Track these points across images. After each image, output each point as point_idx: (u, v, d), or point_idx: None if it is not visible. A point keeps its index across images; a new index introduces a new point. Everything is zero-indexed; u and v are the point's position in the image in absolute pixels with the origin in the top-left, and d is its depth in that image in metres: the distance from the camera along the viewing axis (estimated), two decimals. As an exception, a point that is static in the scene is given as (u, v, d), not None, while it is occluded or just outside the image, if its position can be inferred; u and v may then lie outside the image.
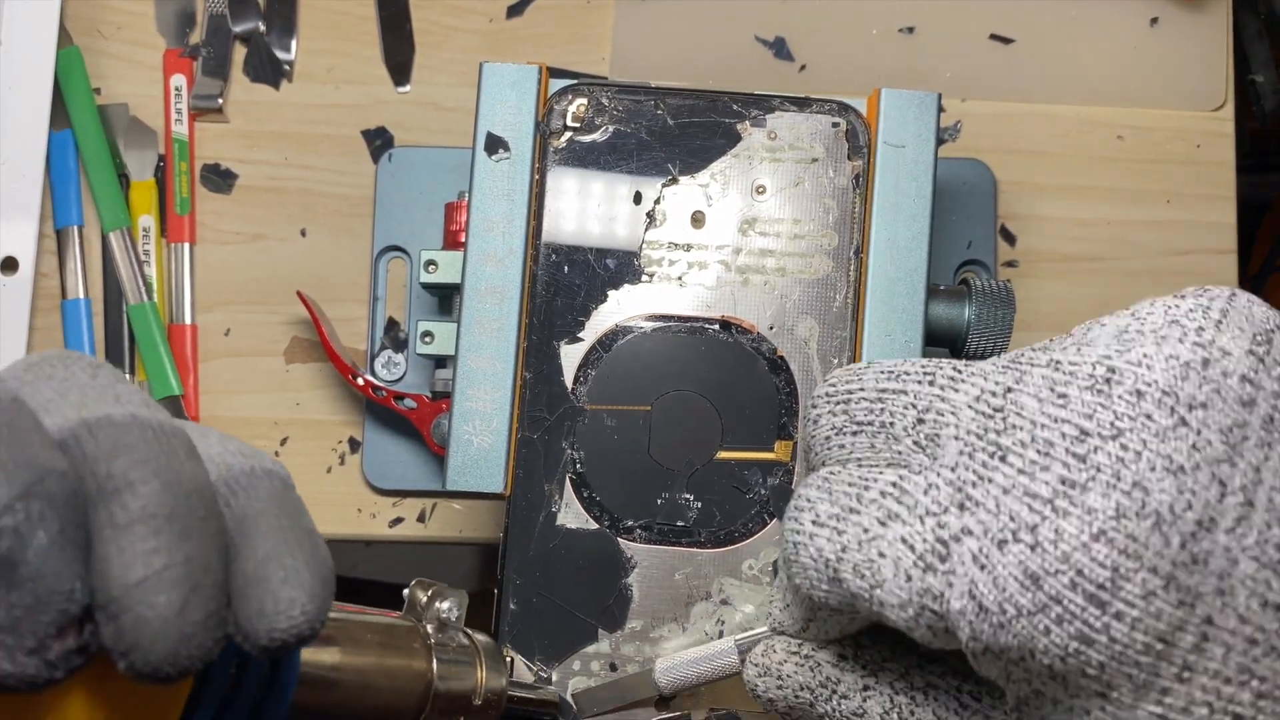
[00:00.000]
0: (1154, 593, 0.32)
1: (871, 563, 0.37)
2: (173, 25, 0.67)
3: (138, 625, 0.28)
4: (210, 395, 0.65)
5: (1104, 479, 0.33)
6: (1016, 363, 0.37)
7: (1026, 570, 0.33)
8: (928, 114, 0.53)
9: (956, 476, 0.36)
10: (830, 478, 0.39)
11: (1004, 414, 0.36)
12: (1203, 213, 0.67)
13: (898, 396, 0.39)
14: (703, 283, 0.53)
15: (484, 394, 0.52)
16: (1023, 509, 0.34)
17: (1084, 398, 0.34)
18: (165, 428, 0.30)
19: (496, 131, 0.53)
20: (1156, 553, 0.32)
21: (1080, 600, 0.33)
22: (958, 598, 0.35)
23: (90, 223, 0.66)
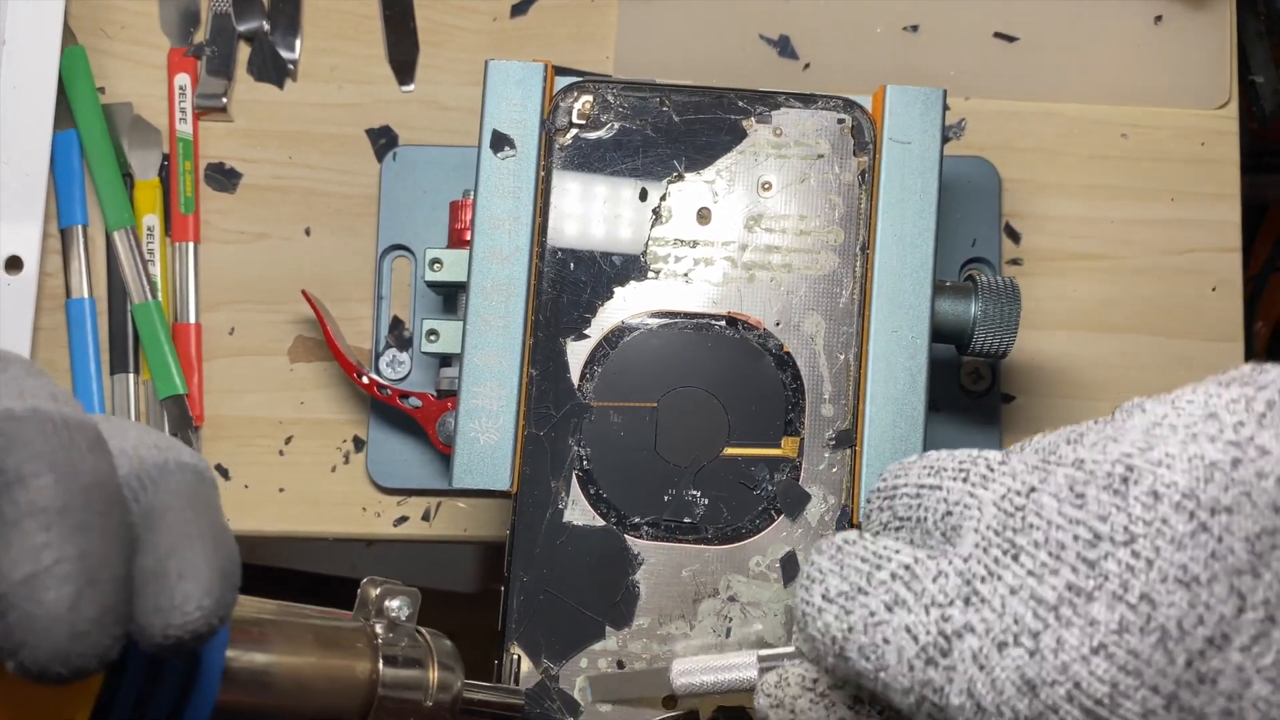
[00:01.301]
0: (1154, 712, 0.31)
1: (877, 647, 0.37)
2: (177, 24, 0.67)
3: (25, 622, 0.27)
4: (214, 394, 0.65)
5: (1111, 588, 0.32)
6: (1046, 461, 0.36)
7: (1024, 677, 0.33)
8: (933, 110, 0.53)
9: (967, 568, 0.35)
10: (844, 548, 0.39)
11: (1024, 513, 0.35)
12: (1207, 211, 0.67)
13: (934, 492, 0.39)
14: (709, 279, 0.53)
15: (490, 392, 0.52)
16: (1027, 613, 0.33)
17: (1101, 498, 0.33)
18: (69, 421, 0.30)
19: (502, 129, 0.53)
20: (1159, 671, 0.31)
21: (1076, 714, 0.32)
22: (956, 694, 0.34)
23: (94, 222, 0.66)
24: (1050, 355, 0.66)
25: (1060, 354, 0.66)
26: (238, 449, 0.65)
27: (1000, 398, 0.65)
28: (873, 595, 0.37)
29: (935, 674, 0.35)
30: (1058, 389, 0.66)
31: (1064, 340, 0.66)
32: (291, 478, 0.64)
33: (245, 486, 0.64)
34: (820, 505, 0.51)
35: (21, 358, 0.32)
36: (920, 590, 0.36)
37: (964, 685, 0.34)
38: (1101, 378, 0.66)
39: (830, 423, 0.52)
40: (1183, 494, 0.32)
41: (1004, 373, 0.65)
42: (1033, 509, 0.35)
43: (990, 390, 0.65)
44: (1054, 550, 0.33)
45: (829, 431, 0.52)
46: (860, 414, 0.52)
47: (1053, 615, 0.33)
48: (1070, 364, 0.66)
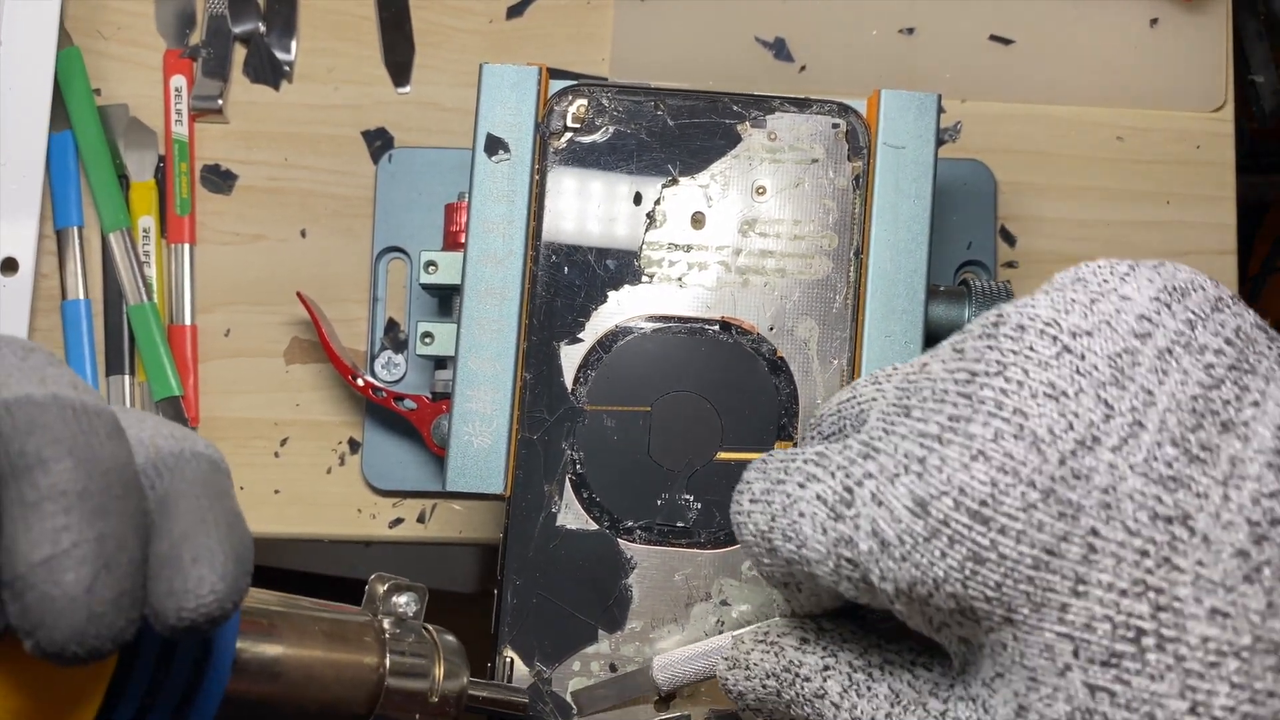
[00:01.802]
0: (1034, 505, 0.33)
1: (794, 524, 0.39)
2: (173, 26, 0.67)
3: (43, 603, 0.28)
4: (210, 396, 0.65)
5: (986, 409, 0.35)
6: (941, 343, 0.39)
7: (915, 497, 0.35)
8: (928, 115, 0.53)
9: (867, 435, 0.38)
10: (767, 459, 0.41)
11: (916, 382, 0.38)
12: (1202, 213, 0.67)
13: (850, 401, 0.41)
14: (703, 283, 0.53)
15: (484, 395, 0.52)
16: (914, 446, 0.36)
17: (975, 345, 0.36)
18: (88, 407, 0.30)
19: (496, 132, 0.53)
20: (1034, 469, 0.34)
21: (965, 519, 0.34)
22: (864, 538, 0.36)
23: (90, 223, 0.66)
24: (1045, 358, 0.66)
25: (1055, 357, 0.66)
26: (233, 450, 0.65)
27: (995, 400, 0.65)
28: (789, 480, 0.39)
29: (844, 527, 0.37)
30: (1053, 392, 0.66)
31: (1059, 343, 0.66)
32: (287, 479, 0.65)
33: (240, 488, 0.64)
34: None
35: (42, 347, 0.32)
36: (828, 463, 0.38)
37: (868, 527, 0.36)
38: (1097, 381, 0.66)
39: (823, 427, 0.52)
40: (1045, 323, 0.35)
41: (999, 375, 0.65)
42: (923, 376, 0.37)
43: (985, 393, 0.65)
44: (937, 395, 0.36)
45: (822, 436, 0.52)
46: (853, 418, 0.52)
47: (935, 441, 0.35)
48: (1065, 367, 0.66)
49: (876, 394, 0.40)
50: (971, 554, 0.34)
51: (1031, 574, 0.34)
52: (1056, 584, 0.34)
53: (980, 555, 0.34)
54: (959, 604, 0.35)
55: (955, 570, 0.34)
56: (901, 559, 0.35)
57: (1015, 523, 0.34)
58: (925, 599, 0.35)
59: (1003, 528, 0.34)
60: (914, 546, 0.35)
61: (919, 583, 0.35)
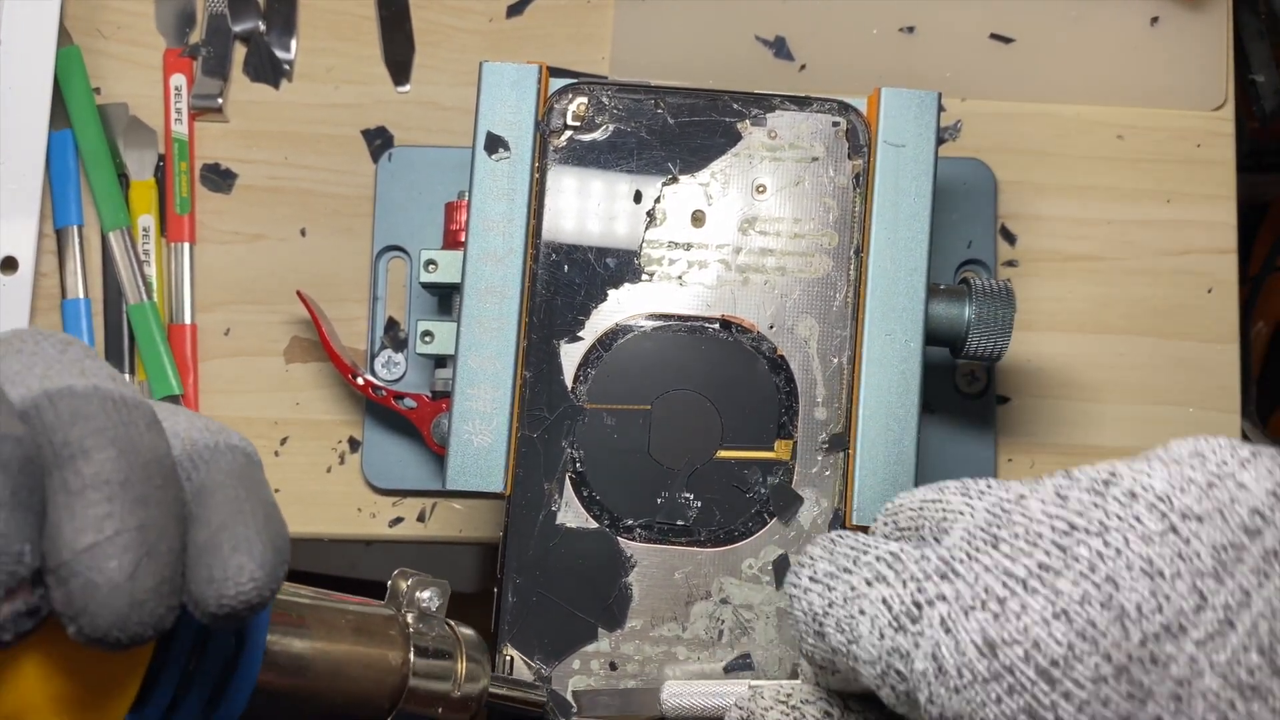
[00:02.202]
0: (1104, 679, 0.33)
1: (852, 619, 0.38)
2: (172, 25, 0.67)
3: (87, 589, 0.28)
4: (210, 395, 0.65)
5: (1079, 568, 0.34)
6: (1041, 479, 0.38)
7: (986, 637, 0.34)
8: (928, 113, 0.53)
9: (948, 553, 0.37)
10: (836, 540, 0.41)
11: (1010, 513, 0.37)
12: (1203, 212, 0.67)
13: (935, 504, 0.40)
14: (703, 282, 0.53)
15: (484, 393, 0.52)
16: (996, 584, 0.35)
17: (1081, 498, 0.35)
18: (128, 400, 0.31)
19: (496, 131, 0.53)
20: (1114, 642, 0.33)
21: (1032, 673, 0.33)
22: (921, 659, 0.36)
23: (90, 222, 0.66)
24: (1046, 357, 0.66)
25: (1056, 355, 0.66)
26: (233, 449, 0.65)
27: (995, 399, 0.65)
28: (856, 574, 0.39)
29: (903, 640, 0.36)
30: (1053, 390, 0.66)
31: (1060, 341, 0.66)
32: (287, 478, 0.65)
33: (240, 487, 0.64)
34: (813, 508, 0.51)
35: (80, 341, 0.33)
36: (901, 569, 0.38)
37: (929, 649, 0.36)
38: (1097, 379, 0.66)
39: (824, 426, 0.52)
40: (1157, 496, 0.34)
41: (999, 374, 0.65)
42: (1019, 509, 0.37)
43: (985, 392, 0.65)
44: (1031, 539, 0.35)
45: (822, 435, 0.52)
46: (854, 417, 0.52)
47: (1020, 586, 0.35)
48: (1066, 365, 0.66)
49: (965, 508, 0.39)
50: (1028, 708, 0.33)
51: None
52: None
53: (1037, 712, 0.33)
54: None
55: (1006, 717, 0.34)
56: (955, 690, 0.35)
57: (1081, 691, 0.33)
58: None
59: (1067, 692, 0.33)
60: (972, 683, 0.34)
61: (966, 716, 0.35)
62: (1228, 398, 0.66)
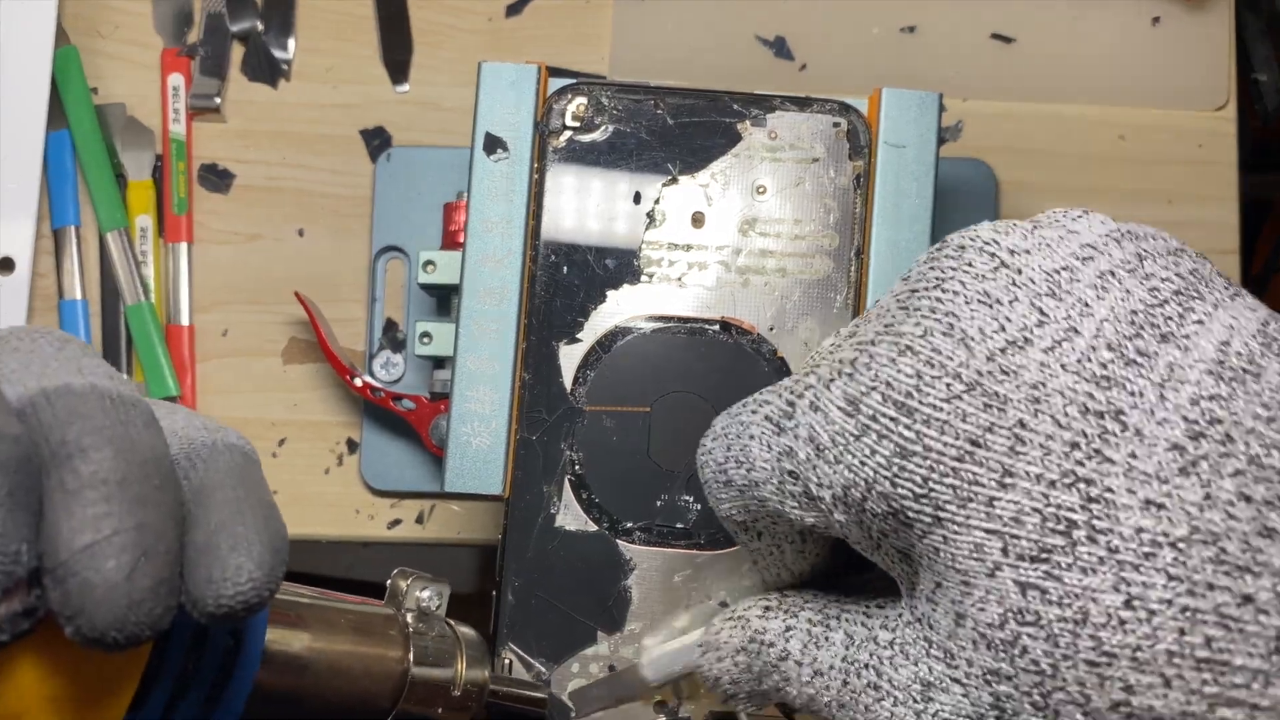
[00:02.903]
0: (958, 396, 0.34)
1: (745, 447, 0.39)
2: (170, 25, 0.67)
3: (84, 589, 0.28)
4: (207, 396, 0.65)
5: (919, 314, 0.35)
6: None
7: (847, 396, 0.35)
8: (929, 114, 0.53)
9: (814, 357, 0.38)
10: (736, 404, 0.41)
11: (867, 313, 0.38)
12: (1205, 213, 0.67)
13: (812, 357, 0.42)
14: (702, 283, 0.53)
15: (482, 395, 0.52)
16: (850, 353, 0.36)
17: (918, 269, 0.37)
18: (125, 398, 0.31)
19: (495, 131, 0.53)
20: (961, 363, 0.34)
21: (891, 411, 0.34)
22: (802, 446, 0.36)
23: (87, 223, 0.66)
24: (1047, 358, 0.66)
25: (1057, 357, 0.66)
26: (231, 451, 0.64)
27: (997, 401, 0.65)
28: (744, 410, 0.40)
29: (786, 439, 0.37)
30: (1055, 392, 0.65)
31: (1061, 343, 0.66)
32: (285, 480, 0.64)
33: (238, 489, 0.64)
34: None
35: (79, 339, 0.33)
36: (779, 387, 0.39)
37: (806, 433, 0.36)
38: (1099, 381, 0.65)
39: (824, 428, 0.52)
40: (985, 241, 0.36)
41: (1000, 376, 0.65)
42: (875, 308, 0.38)
43: (987, 393, 0.65)
44: (879, 313, 0.37)
45: (823, 436, 0.52)
46: (854, 419, 0.52)
47: (869, 345, 0.36)
48: (1067, 367, 0.66)
49: (834, 336, 0.40)
50: (898, 448, 0.34)
51: (956, 465, 0.33)
52: (982, 476, 0.33)
53: (906, 449, 0.34)
54: (890, 506, 0.35)
55: (884, 468, 0.34)
56: (835, 460, 0.35)
57: (939, 413, 0.34)
58: (860, 504, 0.35)
59: (927, 419, 0.34)
60: (846, 447, 0.35)
61: (853, 485, 0.35)
62: (1230, 399, 0.65)
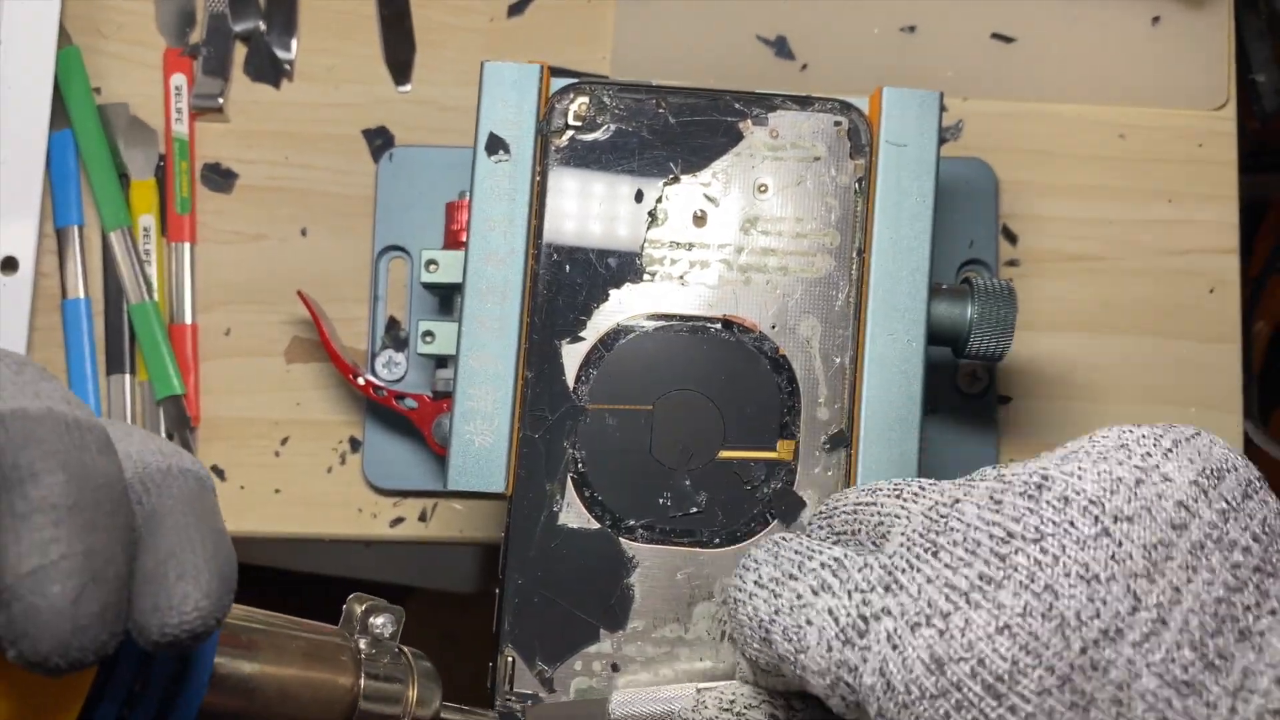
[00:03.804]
0: (1049, 690, 0.33)
1: (799, 629, 0.39)
2: (173, 24, 0.67)
3: (29, 614, 0.28)
4: (210, 395, 0.65)
5: (1018, 578, 0.35)
6: (972, 479, 0.39)
7: (933, 654, 0.35)
8: (930, 113, 0.53)
9: (890, 562, 0.38)
10: (781, 543, 0.41)
11: (947, 519, 0.37)
12: (1204, 212, 0.67)
13: (869, 508, 0.41)
14: (704, 282, 0.53)
15: (485, 393, 0.52)
16: (940, 597, 0.36)
17: (1016, 503, 0.36)
18: (81, 423, 0.31)
19: (497, 131, 0.53)
20: (1056, 653, 0.34)
21: (979, 689, 0.34)
22: (870, 674, 0.36)
23: (90, 222, 0.66)
24: (1047, 357, 0.66)
25: (1057, 355, 0.66)
26: (233, 450, 0.65)
27: (997, 399, 0.65)
28: (801, 580, 0.39)
29: (851, 654, 0.37)
30: (1055, 390, 0.66)
31: (1061, 342, 0.66)
32: (287, 479, 0.64)
33: (241, 487, 0.64)
34: (815, 509, 0.51)
35: (35, 363, 0.33)
36: (845, 578, 0.38)
37: (877, 665, 0.36)
38: (1099, 379, 0.66)
39: (826, 426, 0.52)
40: (1090, 500, 0.35)
41: (1001, 374, 0.65)
42: (955, 514, 0.37)
43: (987, 392, 0.65)
44: (970, 547, 0.36)
45: (824, 435, 0.52)
46: (856, 417, 0.52)
47: (963, 599, 0.35)
48: (1067, 365, 0.66)
49: (901, 511, 0.40)
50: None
51: None
52: None
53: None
54: None
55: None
56: (904, 706, 0.35)
57: (1027, 704, 0.34)
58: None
59: (1014, 706, 0.34)
60: (920, 699, 0.35)
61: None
62: (1229, 398, 0.66)
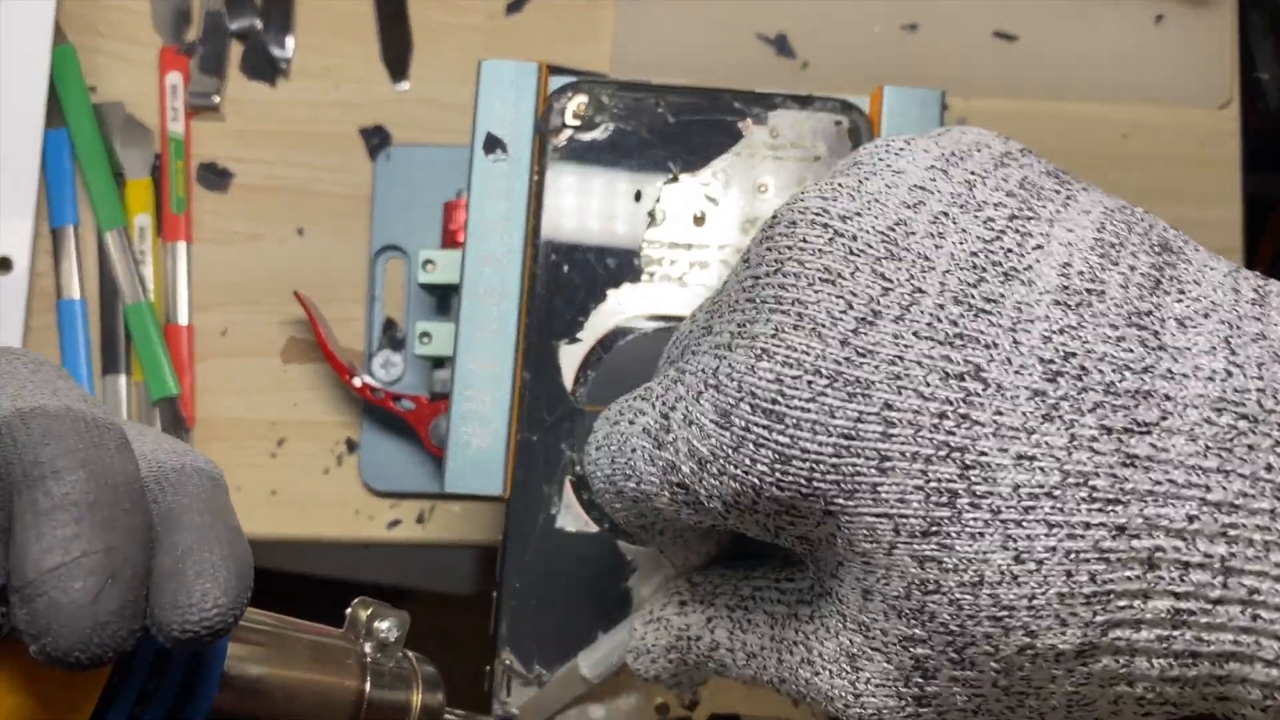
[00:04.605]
0: (822, 393, 0.33)
1: (629, 461, 0.39)
2: (169, 23, 0.67)
3: (51, 610, 0.28)
4: (206, 396, 0.65)
5: (768, 308, 0.35)
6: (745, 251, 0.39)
7: (718, 409, 0.35)
8: (931, 112, 0.53)
9: (679, 358, 0.38)
10: (612, 404, 0.41)
11: (717, 301, 0.38)
12: (1208, 211, 0.67)
13: (673, 344, 0.41)
14: (704, 282, 0.52)
15: (483, 395, 0.52)
16: (710, 359, 0.36)
17: (756, 250, 0.36)
18: (99, 421, 0.31)
19: (495, 130, 0.53)
20: (817, 355, 0.33)
21: (763, 421, 0.34)
22: (684, 460, 0.36)
23: (86, 222, 0.65)
24: (1050, 357, 0.65)
25: (1060, 356, 0.65)
26: (229, 451, 0.64)
27: (999, 400, 0.65)
28: (622, 420, 0.40)
29: (667, 454, 0.37)
30: (1057, 391, 0.65)
31: (1064, 342, 0.65)
32: (284, 480, 0.64)
33: (237, 489, 0.64)
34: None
35: (51, 361, 0.33)
36: (650, 394, 0.39)
37: (685, 449, 0.36)
38: (1101, 380, 0.65)
39: (826, 428, 0.52)
40: (815, 213, 0.35)
41: (1003, 375, 0.65)
42: (722, 293, 0.38)
43: (989, 393, 0.65)
44: (731, 306, 0.36)
45: (825, 436, 0.52)
46: (856, 419, 0.51)
47: (726, 349, 0.35)
48: (1070, 366, 0.65)
49: (691, 325, 0.40)
50: (777, 454, 0.34)
51: (836, 461, 0.34)
52: (861, 465, 0.33)
53: (784, 454, 0.34)
54: (780, 505, 0.35)
55: (767, 474, 0.34)
56: (719, 473, 0.35)
57: (808, 414, 0.34)
58: (751, 507, 0.35)
59: (797, 421, 0.34)
60: (727, 459, 0.35)
61: (740, 494, 0.35)
62: (1233, 399, 0.65)
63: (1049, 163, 0.38)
